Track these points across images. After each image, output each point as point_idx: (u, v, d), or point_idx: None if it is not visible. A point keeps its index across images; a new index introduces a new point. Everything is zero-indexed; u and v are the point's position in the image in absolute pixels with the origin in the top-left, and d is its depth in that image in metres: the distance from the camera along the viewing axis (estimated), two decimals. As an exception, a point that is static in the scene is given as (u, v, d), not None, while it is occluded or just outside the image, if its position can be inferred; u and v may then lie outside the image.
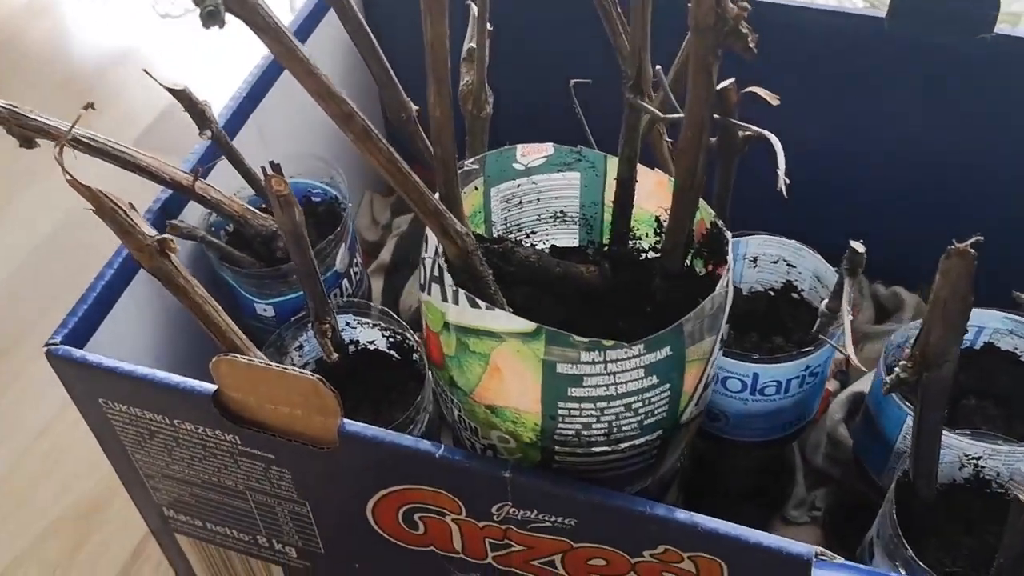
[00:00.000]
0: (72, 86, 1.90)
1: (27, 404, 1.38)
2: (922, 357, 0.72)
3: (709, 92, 0.68)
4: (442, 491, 0.82)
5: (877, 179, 1.26)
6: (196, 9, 0.56)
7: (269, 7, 0.60)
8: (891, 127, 1.20)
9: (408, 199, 0.69)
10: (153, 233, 0.75)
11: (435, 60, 0.67)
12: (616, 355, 0.71)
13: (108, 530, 1.27)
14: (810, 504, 1.15)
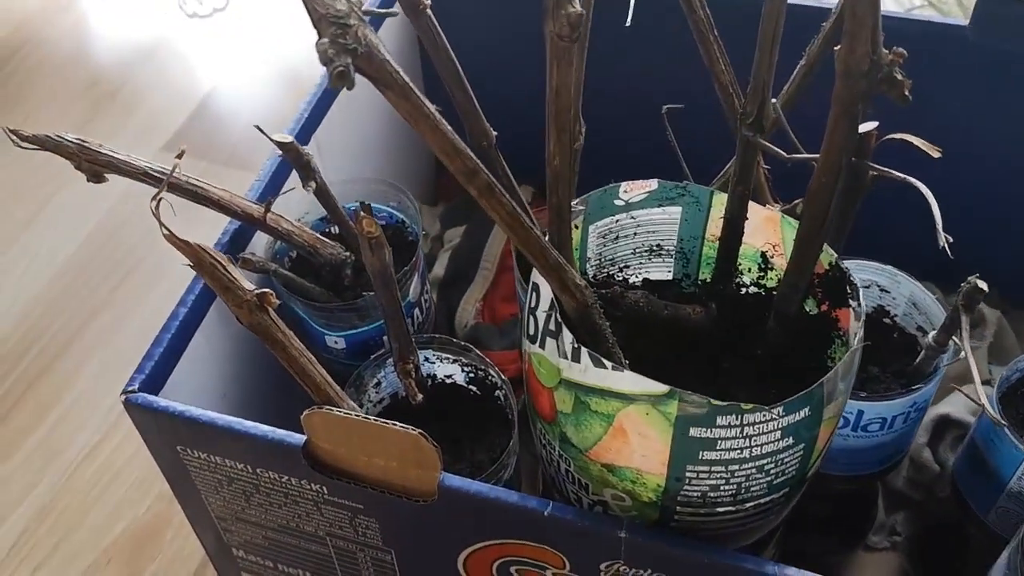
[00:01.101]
0: (98, 87, 1.86)
1: (69, 427, 1.35)
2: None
3: (850, 139, 0.64)
4: (547, 547, 0.78)
5: (962, 192, 1.22)
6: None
7: (396, 64, 0.56)
8: (978, 135, 1.16)
9: (528, 254, 0.65)
10: (251, 288, 0.71)
11: (559, 109, 0.63)
12: (754, 418, 0.68)
13: (164, 558, 1.23)
14: (889, 529, 1.12)
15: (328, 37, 0.52)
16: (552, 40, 0.59)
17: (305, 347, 0.78)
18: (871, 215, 1.13)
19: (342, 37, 0.52)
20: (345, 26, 0.52)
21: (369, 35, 0.54)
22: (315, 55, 0.52)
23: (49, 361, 1.44)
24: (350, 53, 0.52)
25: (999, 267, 1.15)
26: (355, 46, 0.52)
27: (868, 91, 0.61)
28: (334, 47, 0.52)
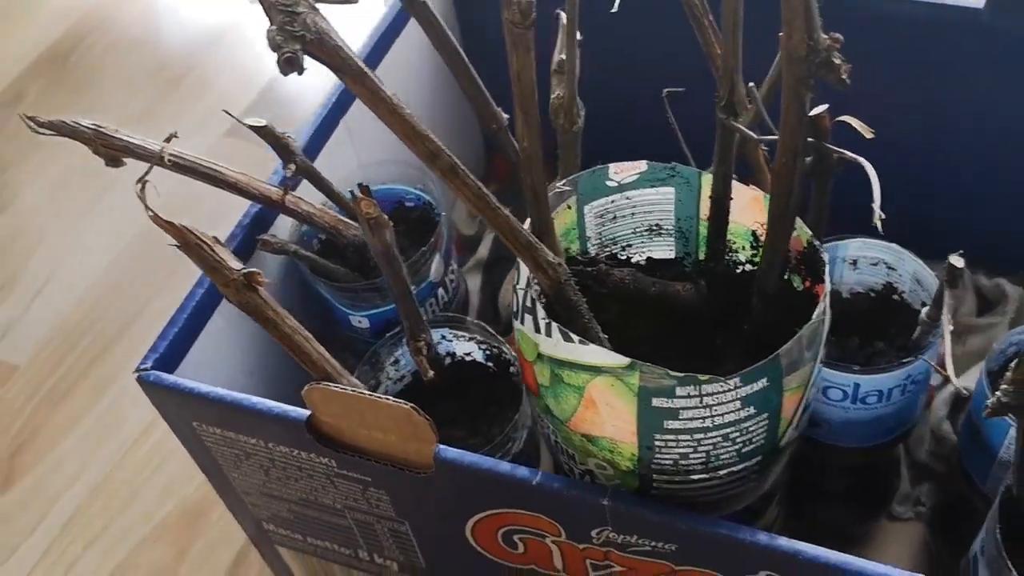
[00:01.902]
0: (165, 72, 1.90)
1: (126, 406, 1.39)
2: (1023, 383, 0.70)
3: (802, 120, 0.67)
4: (541, 515, 0.81)
5: (978, 171, 1.23)
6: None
7: (350, 49, 0.59)
8: (992, 118, 1.17)
9: (499, 233, 0.68)
10: (239, 267, 0.75)
11: (521, 91, 0.66)
12: (712, 388, 0.71)
13: (211, 535, 1.27)
14: (914, 499, 1.13)
15: (277, 24, 0.55)
16: (507, 27, 0.62)
17: (329, 329, 0.81)
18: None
19: (290, 24, 0.55)
20: (294, 14, 0.55)
21: (320, 22, 0.57)
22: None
23: (107, 343, 1.48)
24: (298, 40, 0.55)
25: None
26: (303, 33, 0.56)
27: (809, 75, 0.63)
28: (282, 34, 0.55)
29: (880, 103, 1.16)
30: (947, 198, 1.26)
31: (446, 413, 1.00)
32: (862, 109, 1.18)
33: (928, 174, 1.25)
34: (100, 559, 1.27)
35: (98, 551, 1.28)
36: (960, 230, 1.20)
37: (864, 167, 0.68)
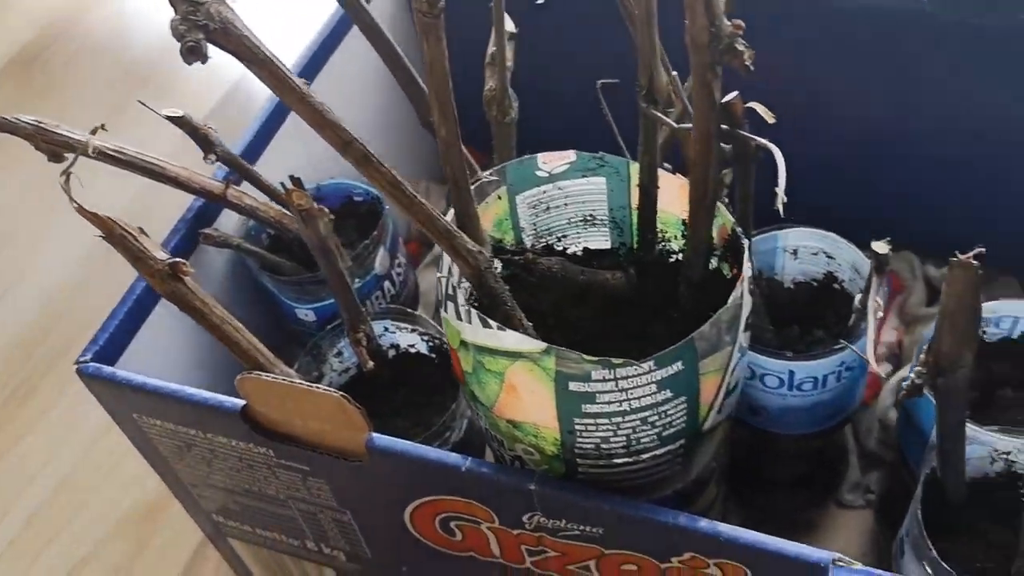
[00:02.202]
0: (134, 73, 1.91)
1: (87, 405, 1.39)
2: (935, 364, 0.71)
3: (711, 107, 0.68)
4: (474, 502, 0.82)
5: (929, 162, 1.24)
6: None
7: (257, 37, 0.60)
8: (937, 106, 1.19)
9: (416, 221, 0.69)
10: (164, 256, 0.76)
11: (435, 81, 0.67)
12: (626, 372, 0.71)
13: (170, 530, 1.28)
14: (864, 488, 1.15)
15: (180, 14, 0.56)
16: (417, 16, 0.63)
17: (277, 323, 0.82)
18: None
19: (193, 14, 0.56)
20: (197, 4, 0.56)
21: (224, 11, 0.58)
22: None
23: (71, 342, 1.49)
24: (202, 29, 0.57)
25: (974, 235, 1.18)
26: (206, 22, 0.57)
27: (713, 61, 0.64)
28: (185, 24, 0.56)
29: (836, 94, 1.18)
30: (898, 189, 1.27)
31: (390, 404, 1.01)
32: (819, 100, 1.21)
33: (879, 165, 1.26)
34: (62, 555, 1.28)
35: (60, 547, 1.29)
36: (911, 221, 1.22)
37: (773, 153, 0.69)
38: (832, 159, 1.28)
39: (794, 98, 1.19)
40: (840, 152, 1.28)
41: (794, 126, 1.21)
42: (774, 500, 1.19)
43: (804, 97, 1.24)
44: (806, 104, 1.23)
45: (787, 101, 1.21)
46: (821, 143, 1.25)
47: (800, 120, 1.19)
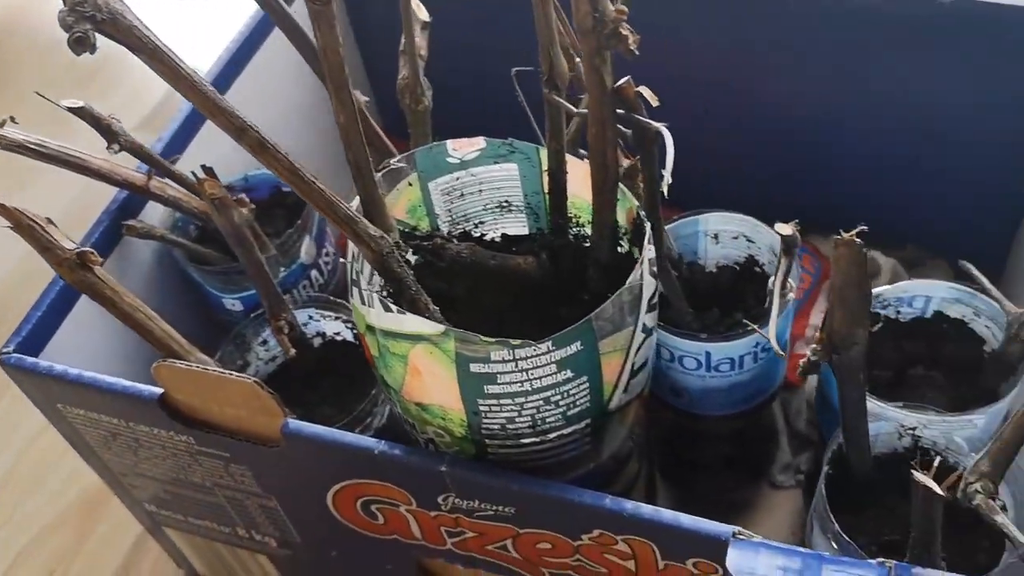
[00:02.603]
0: (78, 68, 1.90)
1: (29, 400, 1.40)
2: (829, 342, 0.72)
3: (602, 91, 0.69)
4: (391, 485, 0.83)
5: (859, 146, 1.26)
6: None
7: (146, 26, 0.61)
8: (868, 94, 1.20)
9: (316, 207, 0.70)
10: (72, 246, 0.77)
11: (330, 68, 0.68)
12: (525, 353, 0.72)
13: (112, 521, 1.29)
14: (795, 468, 1.16)
15: (69, 5, 0.57)
16: (307, 3, 0.64)
17: (206, 313, 0.82)
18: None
19: (81, 5, 0.57)
20: (86, -5, 0.57)
21: (112, 3, 0.59)
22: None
23: (14, 335, 1.50)
24: (89, 20, 0.57)
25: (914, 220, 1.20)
26: (94, 13, 0.58)
27: (600, 47, 0.66)
28: (73, 15, 0.57)
29: (770, 81, 1.19)
30: (832, 175, 1.29)
31: (317, 392, 1.02)
32: (753, 86, 1.22)
33: (815, 151, 1.28)
34: (3, 545, 1.28)
35: (2, 538, 1.29)
36: (844, 207, 1.23)
37: (664, 136, 0.70)
38: (768, 145, 1.30)
39: (729, 85, 1.22)
40: (774, 138, 1.29)
41: (731, 112, 1.24)
42: (706, 481, 1.21)
43: (738, 84, 1.26)
44: (740, 91, 1.25)
45: (720, 89, 1.24)
46: (756, 129, 1.27)
47: (736, 106, 1.21)
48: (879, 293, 0.97)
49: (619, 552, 0.80)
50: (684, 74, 1.25)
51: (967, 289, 0.94)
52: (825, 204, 1.26)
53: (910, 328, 0.98)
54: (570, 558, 0.83)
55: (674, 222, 1.01)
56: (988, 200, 1.23)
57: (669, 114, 1.20)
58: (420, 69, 0.91)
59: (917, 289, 0.96)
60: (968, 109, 1.17)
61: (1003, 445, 0.72)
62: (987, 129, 1.17)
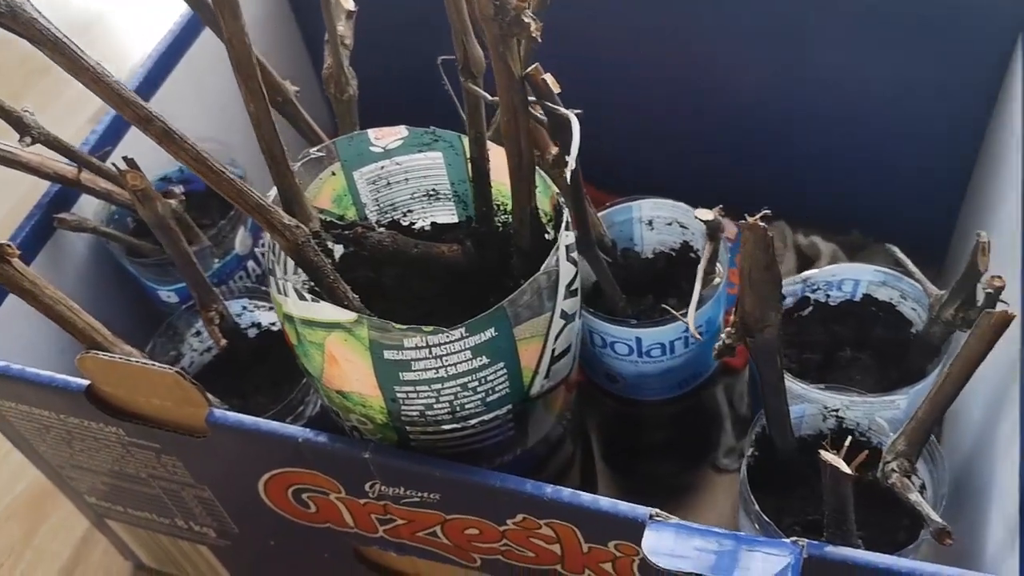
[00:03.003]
0: (32, 62, 1.90)
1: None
2: (742, 324, 0.73)
3: (510, 79, 0.69)
4: (318, 473, 0.83)
5: (799, 133, 1.27)
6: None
7: (47, 20, 0.61)
8: (808, 81, 1.21)
9: (226, 196, 0.70)
10: (-16, 242, 0.77)
11: (237, 57, 0.68)
12: (439, 339, 0.73)
13: (61, 514, 1.29)
14: (740, 452, 1.17)
15: (-34, 0, 0.58)
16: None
17: (144, 305, 0.82)
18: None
19: (-23, 0, 0.58)
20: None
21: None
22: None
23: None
24: (-12, 14, 0.58)
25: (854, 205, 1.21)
26: (-7, 6, 0.58)
27: (503, 34, 0.66)
28: (-30, 8, 0.57)
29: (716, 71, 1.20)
30: (772, 162, 1.30)
31: (252, 382, 1.02)
32: (692, 74, 1.22)
33: (753, 138, 1.28)
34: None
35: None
36: (784, 193, 1.24)
37: (571, 122, 0.71)
38: (708, 133, 1.31)
39: (672, 73, 1.22)
40: (719, 126, 1.30)
41: (676, 101, 1.25)
42: (650, 467, 1.21)
43: (681, 72, 1.26)
44: (680, 78, 1.25)
45: (663, 77, 1.24)
46: (701, 117, 1.28)
47: (680, 95, 1.22)
48: (808, 277, 0.97)
49: (544, 536, 0.80)
50: (626, 62, 1.26)
51: (893, 272, 0.94)
52: (771, 191, 1.27)
53: (840, 311, 0.99)
54: (498, 543, 0.84)
55: (607, 209, 1.01)
56: (930, 185, 1.24)
57: (610, 102, 1.22)
58: (346, 58, 0.91)
59: (845, 273, 0.97)
60: (908, 95, 1.18)
61: (918, 424, 0.73)
62: (927, 115, 1.18)
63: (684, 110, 1.30)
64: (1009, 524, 0.73)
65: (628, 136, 1.34)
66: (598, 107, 1.25)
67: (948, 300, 0.86)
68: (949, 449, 1.05)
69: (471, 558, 0.88)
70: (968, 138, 1.16)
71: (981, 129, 1.14)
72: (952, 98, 1.14)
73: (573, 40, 1.19)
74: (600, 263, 0.94)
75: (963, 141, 1.16)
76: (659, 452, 1.20)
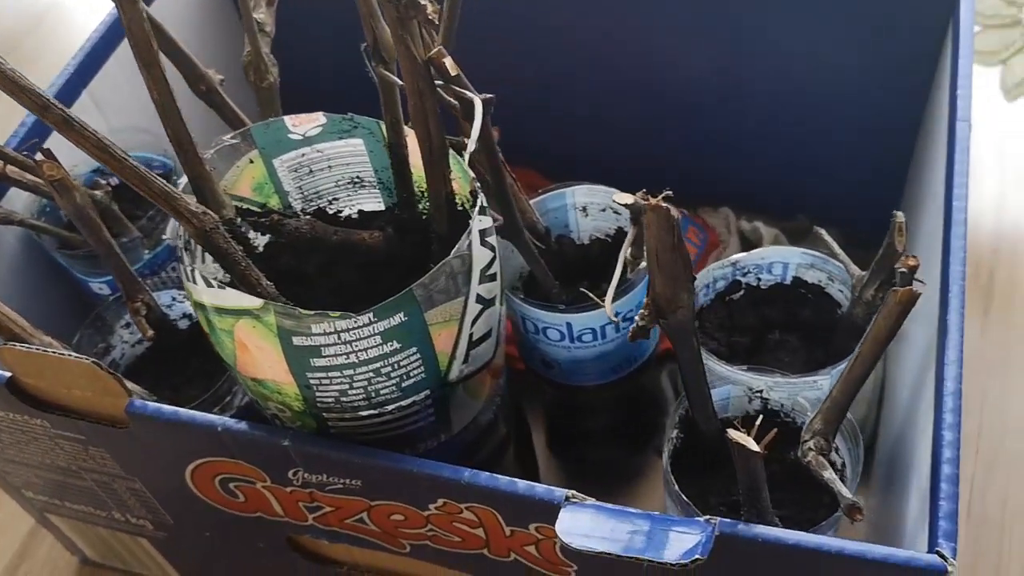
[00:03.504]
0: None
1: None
2: (654, 306, 0.73)
3: (412, 62, 0.69)
4: (242, 462, 0.83)
5: (741, 117, 1.28)
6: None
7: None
8: (748, 68, 1.22)
9: (130, 184, 0.70)
10: None
11: (136, 43, 0.68)
12: (347, 325, 0.73)
13: (7, 511, 1.28)
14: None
15: None
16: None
17: (76, 297, 0.82)
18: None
19: None
20: None
21: None
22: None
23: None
24: None
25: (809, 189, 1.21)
26: None
27: (400, 16, 0.66)
28: None
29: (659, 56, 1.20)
30: (718, 150, 1.30)
31: (184, 373, 1.02)
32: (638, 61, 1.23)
33: (699, 123, 1.29)
34: None
35: None
36: (729, 180, 1.25)
37: (475, 106, 0.71)
38: (653, 120, 1.31)
39: (616, 58, 1.22)
40: (663, 113, 1.30)
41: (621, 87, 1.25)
42: (594, 452, 1.21)
43: (622, 59, 1.26)
44: (625, 66, 1.26)
45: (606, 64, 1.24)
46: (645, 103, 1.28)
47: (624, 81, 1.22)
48: (737, 260, 0.98)
49: (467, 520, 0.80)
50: (571, 51, 1.26)
51: (820, 255, 0.94)
52: (718, 178, 1.28)
53: (770, 294, 0.99)
54: (423, 528, 0.84)
55: (540, 196, 1.01)
56: (873, 169, 1.24)
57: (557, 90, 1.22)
58: (266, 45, 0.90)
59: (774, 256, 0.97)
60: (849, 81, 1.19)
61: (833, 404, 0.74)
62: (868, 101, 1.19)
63: (630, 98, 1.30)
64: (922, 499, 0.73)
65: (575, 124, 1.34)
66: (545, 95, 1.27)
67: (869, 281, 0.86)
68: (885, 428, 1.06)
69: (400, 544, 0.88)
70: (907, 122, 1.16)
71: (919, 113, 1.15)
72: (891, 83, 1.15)
73: (518, 27, 1.19)
74: (530, 249, 0.93)
75: (903, 125, 1.17)
76: (602, 438, 1.20)
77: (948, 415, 0.74)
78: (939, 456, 0.72)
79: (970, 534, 1.16)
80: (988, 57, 1.56)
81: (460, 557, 0.86)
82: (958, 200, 0.86)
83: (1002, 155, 1.51)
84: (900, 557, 0.67)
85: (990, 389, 1.28)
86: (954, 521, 0.69)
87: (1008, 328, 1.33)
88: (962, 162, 0.88)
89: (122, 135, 1.06)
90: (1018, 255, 1.41)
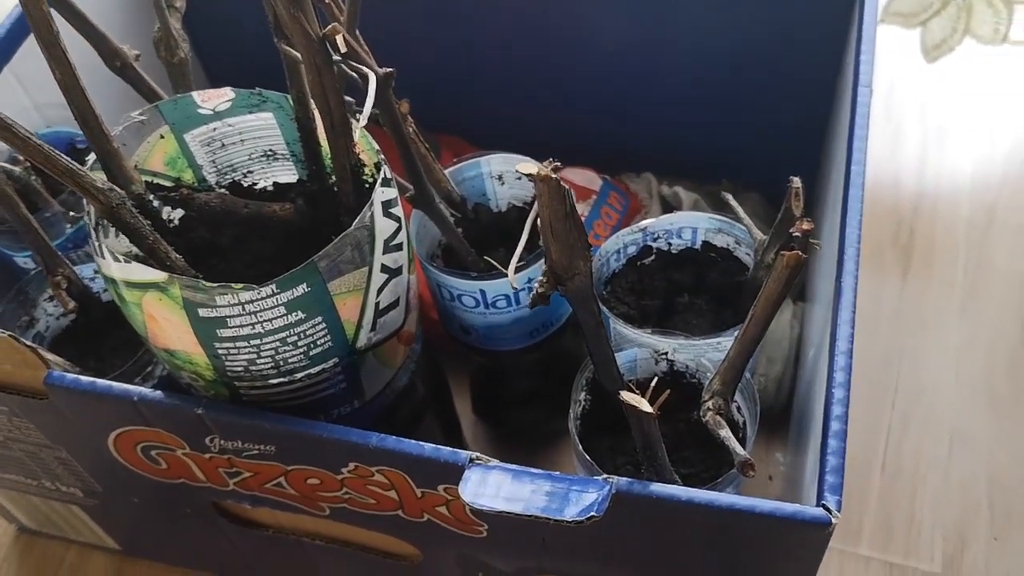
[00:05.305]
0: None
1: None
2: (552, 274, 0.75)
3: (307, 38, 0.71)
4: (160, 430, 0.85)
5: (661, 81, 1.29)
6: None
7: None
8: (665, 27, 1.24)
9: (34, 162, 0.71)
10: None
11: (34, 22, 0.69)
12: (251, 296, 0.74)
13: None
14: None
15: None
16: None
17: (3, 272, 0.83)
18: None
19: None
20: None
21: None
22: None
23: None
24: None
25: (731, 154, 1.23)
26: None
27: None
28: None
29: (580, 21, 1.21)
30: (640, 117, 1.32)
31: (108, 344, 1.03)
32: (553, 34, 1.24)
33: (621, 89, 1.31)
34: None
35: None
36: (650, 146, 1.26)
37: (369, 80, 0.72)
38: (576, 87, 1.32)
39: (530, 26, 1.24)
40: (584, 80, 1.32)
41: (534, 56, 1.26)
42: (518, 416, 1.23)
43: (540, 25, 1.28)
44: (543, 34, 1.27)
45: (525, 31, 1.26)
46: (564, 71, 1.30)
47: (539, 49, 1.23)
48: (647, 226, 0.99)
49: (379, 483, 0.82)
50: (491, 18, 1.27)
51: (726, 219, 0.96)
52: (642, 143, 1.29)
53: (681, 258, 1.00)
54: (339, 491, 0.86)
55: (454, 165, 1.03)
56: (792, 133, 1.26)
57: (478, 60, 1.23)
58: (177, 21, 0.92)
59: (682, 221, 0.98)
60: (768, 43, 1.20)
61: (730, 365, 0.76)
62: (787, 64, 1.21)
63: (553, 66, 1.31)
64: (815, 456, 0.76)
65: (499, 93, 1.36)
66: (472, 64, 1.28)
67: (769, 244, 0.88)
68: (798, 387, 1.08)
69: (320, 507, 0.90)
70: (824, 86, 1.18)
71: (835, 77, 1.16)
72: (808, 48, 1.17)
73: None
74: (442, 218, 0.95)
75: (820, 90, 1.19)
76: (525, 402, 1.22)
77: (838, 374, 0.76)
78: (829, 413, 0.74)
79: (885, 487, 1.19)
80: (909, 19, 1.58)
81: (377, 519, 0.88)
82: (856, 164, 0.88)
83: (923, 116, 1.54)
84: (787, 511, 0.69)
85: (907, 347, 1.30)
86: (840, 475, 0.71)
87: (926, 286, 1.36)
88: (862, 127, 0.90)
89: (47, 111, 1.07)
90: (938, 214, 1.44)
